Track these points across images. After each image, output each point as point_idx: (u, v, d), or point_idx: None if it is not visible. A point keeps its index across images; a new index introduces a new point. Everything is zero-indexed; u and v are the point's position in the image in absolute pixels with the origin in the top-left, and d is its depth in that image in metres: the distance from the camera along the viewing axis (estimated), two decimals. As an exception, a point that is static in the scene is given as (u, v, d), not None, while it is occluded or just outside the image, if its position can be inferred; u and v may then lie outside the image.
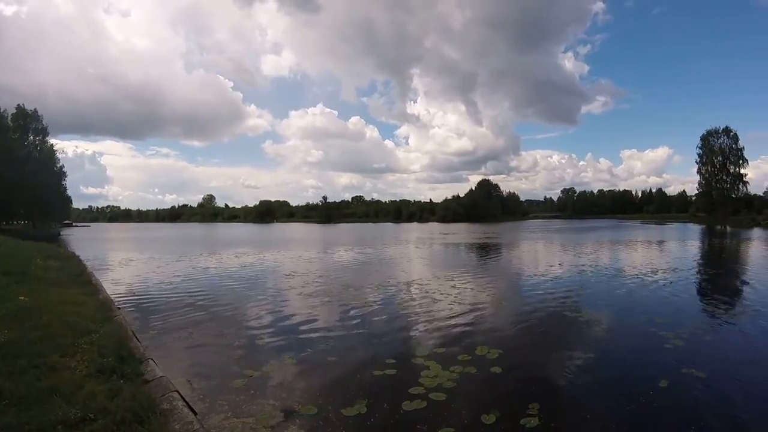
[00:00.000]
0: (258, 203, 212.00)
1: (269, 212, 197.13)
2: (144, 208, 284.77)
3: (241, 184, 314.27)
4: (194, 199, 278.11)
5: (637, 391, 7.87)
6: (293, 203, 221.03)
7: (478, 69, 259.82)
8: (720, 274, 24.85)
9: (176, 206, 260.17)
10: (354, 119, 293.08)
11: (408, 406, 6.96)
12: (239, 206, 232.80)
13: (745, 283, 20.65)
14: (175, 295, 16.85)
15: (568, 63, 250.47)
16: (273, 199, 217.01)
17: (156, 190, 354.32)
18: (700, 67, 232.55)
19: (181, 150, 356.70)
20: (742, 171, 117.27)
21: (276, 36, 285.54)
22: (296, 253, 34.66)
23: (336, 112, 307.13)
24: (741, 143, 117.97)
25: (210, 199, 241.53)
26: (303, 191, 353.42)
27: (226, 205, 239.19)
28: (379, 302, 15.32)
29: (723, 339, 11.51)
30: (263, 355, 9.59)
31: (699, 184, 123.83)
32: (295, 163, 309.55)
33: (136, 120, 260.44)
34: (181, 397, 6.19)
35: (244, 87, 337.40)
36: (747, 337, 11.55)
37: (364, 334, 11.43)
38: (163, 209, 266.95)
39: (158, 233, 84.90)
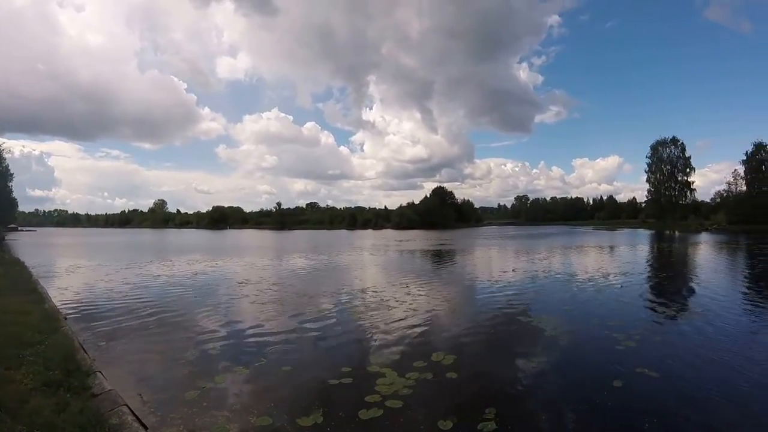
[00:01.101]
0: (211, 209, 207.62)
1: (222, 218, 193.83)
2: (93, 213, 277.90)
3: (193, 188, 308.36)
4: (145, 204, 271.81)
5: (591, 391, 8.05)
6: (247, 209, 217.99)
7: (435, 77, 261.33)
8: (669, 277, 25.52)
9: (126, 211, 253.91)
10: (309, 125, 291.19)
11: (365, 414, 6.91)
12: (191, 212, 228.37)
13: (693, 285, 21.41)
14: (125, 304, 16.31)
15: (523, 73, 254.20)
16: (226, 205, 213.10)
17: (105, 193, 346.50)
18: (650, 79, 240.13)
19: (133, 152, 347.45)
20: (690, 179, 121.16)
21: (232, 38, 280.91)
22: (249, 261, 34.13)
23: (291, 117, 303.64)
24: (688, 152, 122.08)
25: (161, 204, 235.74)
26: (257, 197, 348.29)
27: (178, 211, 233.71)
28: (333, 310, 15.18)
29: (673, 339, 11.83)
30: (216, 366, 9.33)
31: (648, 192, 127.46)
32: (249, 168, 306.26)
33: (86, 120, 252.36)
34: (131, 411, 6.05)
35: (198, 89, 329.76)
36: (696, 336, 11.92)
37: (319, 343, 11.29)
38: (113, 214, 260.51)
39: (107, 239, 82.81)
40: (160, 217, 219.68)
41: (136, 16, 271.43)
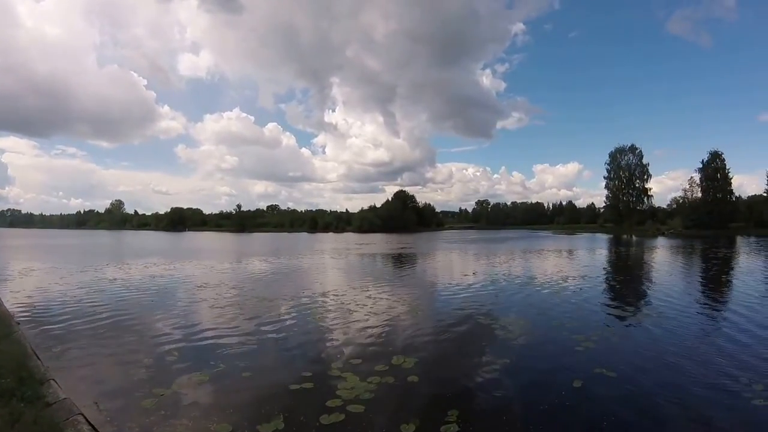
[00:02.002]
0: (169, 210, 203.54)
1: (181, 220, 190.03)
2: (47, 213, 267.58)
3: (151, 189, 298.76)
4: (101, 205, 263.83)
5: (551, 391, 8.20)
6: (206, 211, 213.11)
7: (398, 81, 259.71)
8: (626, 280, 26.03)
9: (82, 211, 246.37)
10: (271, 126, 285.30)
11: (326, 419, 6.86)
12: (149, 213, 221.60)
13: (649, 288, 21.98)
14: (80, 308, 15.91)
15: (486, 80, 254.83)
16: (185, 207, 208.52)
17: (60, 193, 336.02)
18: (611, 88, 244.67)
19: (89, 151, 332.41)
20: (647, 185, 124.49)
21: (195, 35, 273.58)
22: (208, 264, 33.55)
23: (253, 118, 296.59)
24: (646, 160, 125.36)
25: (118, 204, 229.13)
26: (216, 199, 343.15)
27: (136, 212, 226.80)
28: (293, 314, 15.04)
29: (631, 340, 12.14)
30: (174, 373, 9.12)
31: (607, 197, 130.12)
32: (209, 169, 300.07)
33: (42, 115, 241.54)
34: (87, 420, 5.91)
35: (157, 86, 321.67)
36: (652, 337, 12.27)
37: (279, 348, 11.20)
38: (68, 214, 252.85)
39: (62, 241, 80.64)
40: (117, 219, 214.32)
41: (97, 8, 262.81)
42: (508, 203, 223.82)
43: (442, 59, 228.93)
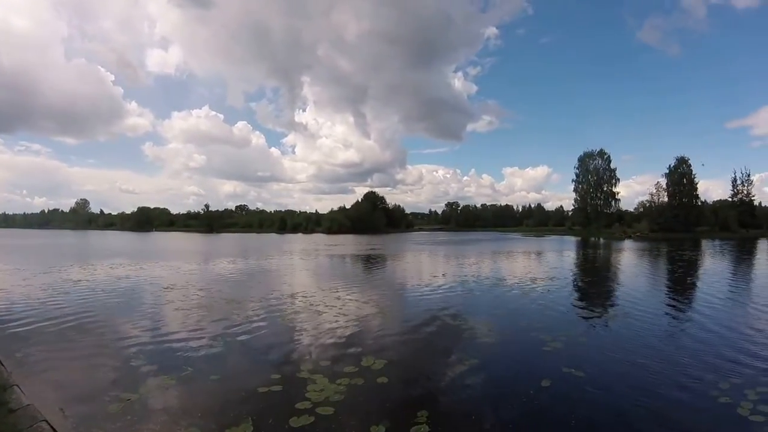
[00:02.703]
0: (136, 210, 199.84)
1: (148, 220, 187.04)
2: (10, 212, 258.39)
3: (118, 188, 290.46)
4: (66, 204, 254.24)
5: (520, 391, 8.30)
6: (174, 211, 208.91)
7: (370, 82, 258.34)
8: (594, 281, 26.45)
9: (46, 211, 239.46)
10: (240, 124, 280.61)
11: (295, 422, 6.81)
12: (116, 213, 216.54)
13: (616, 289, 22.40)
14: (44, 311, 15.53)
15: (458, 82, 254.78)
16: (152, 206, 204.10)
17: (24, 191, 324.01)
18: (581, 94, 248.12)
19: (54, 147, 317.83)
20: (615, 189, 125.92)
21: (165, 29, 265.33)
22: (176, 265, 33.05)
23: (222, 116, 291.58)
24: (614, 164, 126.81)
25: (84, 204, 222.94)
26: (184, 198, 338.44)
27: (102, 211, 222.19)
28: (262, 316, 14.92)
29: (598, 340, 12.39)
30: (141, 377, 8.95)
31: (575, 201, 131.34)
32: (176, 168, 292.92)
33: (5, 110, 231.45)
34: (51, 427, 5.81)
35: (125, 82, 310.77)
36: (619, 337, 12.53)
37: (248, 350, 11.10)
38: (32, 214, 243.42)
39: (25, 241, 78.86)
40: (82, 218, 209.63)
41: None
42: (478, 205, 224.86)
43: (414, 61, 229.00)
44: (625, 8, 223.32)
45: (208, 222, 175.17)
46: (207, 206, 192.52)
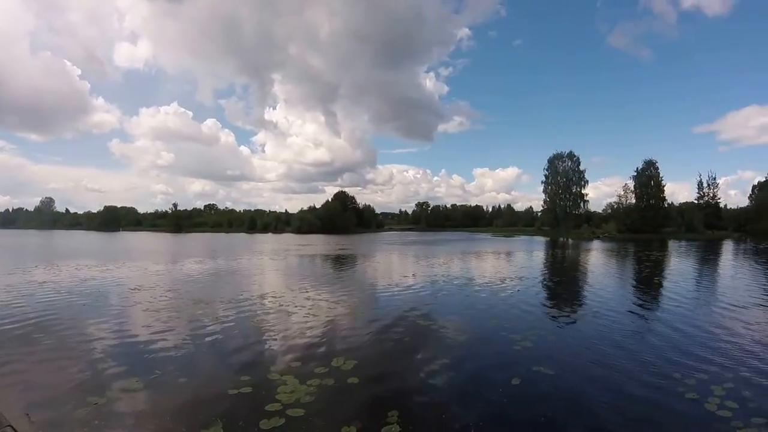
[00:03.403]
0: (102, 209, 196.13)
1: (115, 220, 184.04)
2: None
3: (84, 186, 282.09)
4: (31, 203, 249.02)
5: (490, 390, 8.42)
6: (141, 210, 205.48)
7: (341, 80, 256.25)
8: (563, 281, 26.76)
9: (10, 210, 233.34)
10: (209, 122, 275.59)
11: (266, 424, 6.77)
12: (82, 212, 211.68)
13: (585, 288, 22.76)
14: (7, 313, 15.18)
15: (430, 83, 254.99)
16: (119, 205, 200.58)
17: None
18: (551, 97, 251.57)
19: (19, 144, 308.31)
20: (583, 191, 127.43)
21: (134, 23, 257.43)
22: (143, 265, 32.54)
23: (191, 113, 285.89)
24: (583, 166, 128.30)
25: (49, 202, 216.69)
26: (152, 197, 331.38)
27: (67, 210, 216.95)
28: (231, 317, 14.78)
29: (567, 338, 12.54)
30: (108, 380, 8.80)
31: (544, 202, 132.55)
32: (144, 166, 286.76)
33: None
34: None
35: (92, 77, 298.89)
36: (588, 335, 12.75)
37: (217, 352, 10.98)
38: None
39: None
40: (47, 218, 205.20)
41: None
42: (448, 205, 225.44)
43: (386, 60, 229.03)
44: (596, 13, 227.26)
45: (177, 221, 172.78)
46: (175, 205, 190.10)
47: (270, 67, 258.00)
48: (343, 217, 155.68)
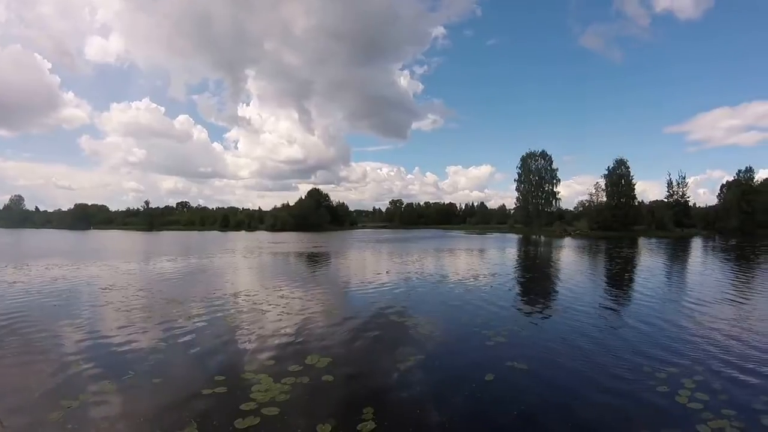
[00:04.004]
0: (73, 207, 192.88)
1: (85, 218, 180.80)
2: None
3: (53, 184, 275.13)
4: None
5: (464, 385, 8.51)
6: (112, 208, 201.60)
7: (315, 77, 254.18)
8: (535, 277, 27.14)
9: None
10: (182, 118, 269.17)
11: (241, 424, 6.77)
12: (52, 210, 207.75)
13: (557, 284, 23.11)
14: (-24, 315, 15.01)
15: (404, 80, 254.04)
16: (90, 203, 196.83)
17: None
18: (525, 96, 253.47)
19: None
20: (556, 189, 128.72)
21: (106, 17, 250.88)
22: (114, 265, 32.00)
23: (163, 109, 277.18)
24: (555, 165, 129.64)
25: (18, 200, 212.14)
26: (123, 195, 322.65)
27: (37, 208, 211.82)
28: (204, 316, 14.69)
29: (540, 334, 12.79)
30: (81, 382, 8.68)
31: (517, 199, 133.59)
32: (115, 162, 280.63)
33: None
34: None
35: (63, 71, 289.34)
36: (560, 330, 12.99)
37: (190, 352, 10.89)
38: None
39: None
40: (16, 216, 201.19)
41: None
42: (422, 203, 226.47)
43: (360, 57, 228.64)
44: (569, 14, 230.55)
45: (149, 219, 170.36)
46: (147, 203, 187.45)
47: (244, 63, 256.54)
48: (316, 215, 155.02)
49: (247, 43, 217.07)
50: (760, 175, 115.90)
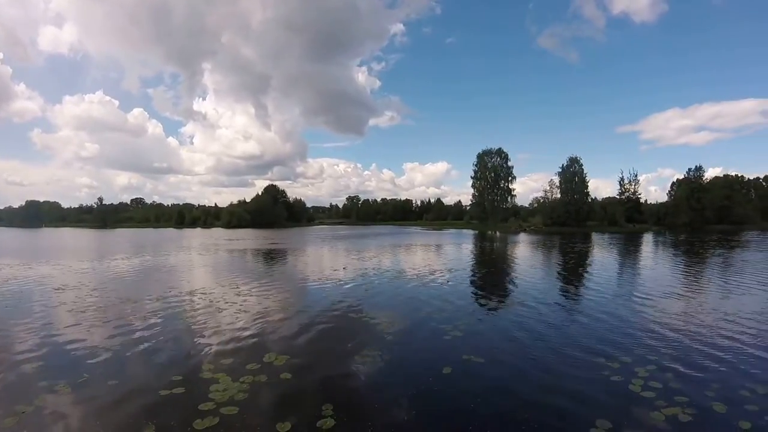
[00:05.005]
0: (24, 204, 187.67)
1: (37, 215, 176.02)
2: None
3: (4, 179, 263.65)
4: None
5: (423, 379, 8.70)
6: (65, 204, 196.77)
7: (272, 72, 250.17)
8: (491, 272, 27.58)
9: None
10: (136, 111, 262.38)
11: (200, 424, 6.76)
12: (2, 207, 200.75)
13: (512, 279, 23.50)
14: None
15: (362, 77, 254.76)
16: (41, 200, 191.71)
17: None
18: (482, 94, 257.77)
19: None
20: (511, 186, 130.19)
21: (60, 5, 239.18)
22: (67, 264, 31.35)
23: (117, 102, 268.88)
24: (511, 162, 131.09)
25: None
26: (76, 191, 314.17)
27: None
28: (160, 315, 14.53)
29: (496, 328, 12.99)
30: (34, 386, 8.51)
31: (473, 196, 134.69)
32: (68, 157, 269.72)
33: None
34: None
35: (14, 61, 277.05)
36: (516, 323, 13.30)
37: (147, 352, 10.77)
38: None
39: None
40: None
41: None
42: (379, 199, 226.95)
43: (318, 53, 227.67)
44: (528, 15, 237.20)
45: (102, 217, 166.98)
46: (101, 199, 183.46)
47: (200, 55, 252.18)
48: (273, 211, 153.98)
49: (204, 36, 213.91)
50: (709, 174, 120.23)
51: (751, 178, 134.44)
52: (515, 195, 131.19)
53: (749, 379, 8.67)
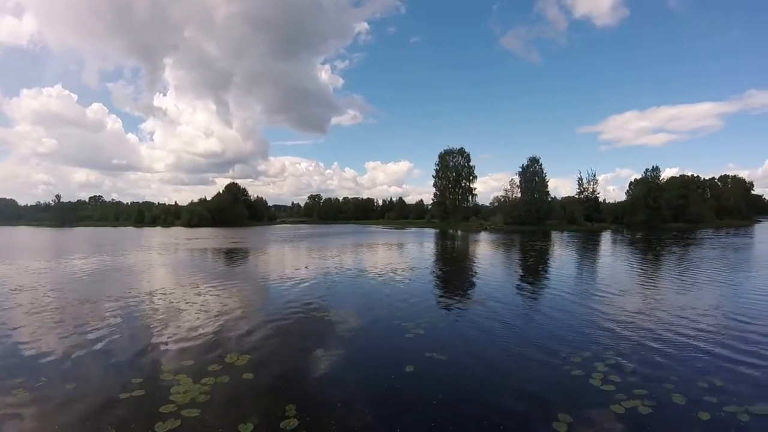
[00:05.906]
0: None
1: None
2: None
3: None
4: None
5: (385, 377, 8.79)
6: (21, 202, 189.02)
7: (235, 68, 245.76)
8: (452, 270, 27.79)
9: None
10: (95, 106, 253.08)
11: (161, 427, 6.72)
12: None
13: (473, 277, 23.79)
14: None
15: (325, 75, 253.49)
16: None
17: None
18: (444, 94, 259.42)
19: None
20: (472, 185, 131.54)
21: None
22: (24, 264, 30.61)
23: (75, 96, 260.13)
24: (472, 162, 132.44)
25: None
26: (32, 188, 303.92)
27: None
28: (119, 316, 14.31)
29: (457, 325, 13.17)
30: (-10, 390, 8.33)
31: (435, 195, 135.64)
32: (24, 153, 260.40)
33: None
34: None
35: None
36: (477, 321, 13.52)
37: (106, 354, 10.61)
38: None
39: None
40: None
41: None
42: (340, 198, 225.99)
43: (281, 50, 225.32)
44: (491, 16, 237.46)
45: (60, 215, 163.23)
46: (58, 197, 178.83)
47: (162, 50, 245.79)
48: (234, 210, 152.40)
49: (166, 29, 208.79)
50: (666, 174, 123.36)
51: (707, 178, 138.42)
52: (476, 194, 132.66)
53: (707, 372, 8.99)
